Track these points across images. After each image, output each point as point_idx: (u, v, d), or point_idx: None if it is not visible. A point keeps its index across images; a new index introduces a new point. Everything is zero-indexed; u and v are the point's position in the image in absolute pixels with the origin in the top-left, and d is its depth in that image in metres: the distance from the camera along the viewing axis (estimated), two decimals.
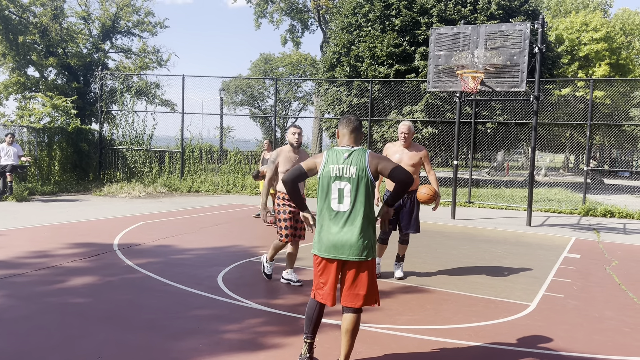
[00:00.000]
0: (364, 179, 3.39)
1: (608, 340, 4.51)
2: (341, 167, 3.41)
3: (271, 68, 48.21)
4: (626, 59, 37.19)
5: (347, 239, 3.38)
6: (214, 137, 40.30)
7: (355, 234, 3.38)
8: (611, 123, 25.23)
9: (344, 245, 3.38)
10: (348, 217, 3.40)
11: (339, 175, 3.41)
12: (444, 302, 5.40)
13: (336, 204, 3.41)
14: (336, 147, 3.56)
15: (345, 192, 3.39)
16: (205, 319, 4.64)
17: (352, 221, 3.39)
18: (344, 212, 3.40)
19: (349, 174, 3.40)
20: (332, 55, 22.45)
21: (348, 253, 3.39)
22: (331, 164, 3.45)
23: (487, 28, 10.35)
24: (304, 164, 3.57)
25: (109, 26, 23.38)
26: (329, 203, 3.43)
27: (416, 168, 6.04)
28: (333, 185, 3.42)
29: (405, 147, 6.07)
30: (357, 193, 3.39)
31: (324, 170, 3.46)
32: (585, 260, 7.79)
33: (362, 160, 3.42)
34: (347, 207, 3.40)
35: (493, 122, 19.84)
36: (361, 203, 3.39)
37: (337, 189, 3.41)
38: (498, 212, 13.79)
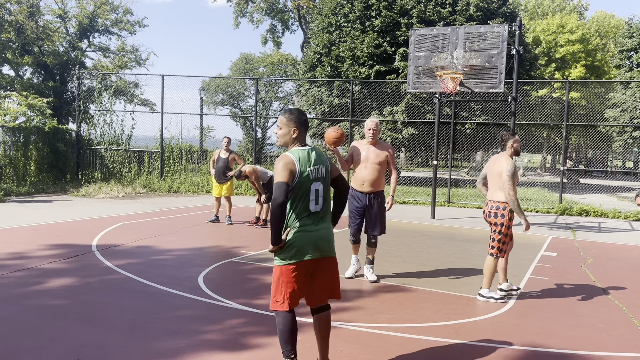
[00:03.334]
0: (328, 178, 3.50)
1: (583, 335, 4.61)
2: (315, 168, 3.39)
3: (252, 68, 48.00)
4: (601, 61, 37.96)
5: (324, 237, 3.44)
6: (194, 137, 39.98)
7: (330, 231, 3.50)
8: (587, 124, 25.72)
9: (323, 243, 3.43)
10: (324, 215, 3.46)
11: (315, 176, 3.38)
12: (424, 301, 5.46)
13: (313, 205, 3.38)
14: (297, 148, 3.41)
15: (320, 193, 3.41)
16: (186, 319, 4.62)
17: (324, 219, 3.46)
18: (318, 211, 3.41)
19: (321, 174, 3.42)
20: (313, 55, 22.48)
21: (327, 250, 3.46)
22: (307, 166, 3.35)
23: (465, 30, 10.48)
24: (284, 178, 3.27)
25: (87, 24, 23.05)
26: (307, 205, 3.36)
27: (382, 167, 5.88)
28: (312, 187, 3.36)
29: (372, 144, 5.92)
30: (327, 191, 3.47)
31: (302, 175, 3.32)
32: (562, 259, 7.94)
33: (325, 159, 3.49)
34: (321, 206, 3.43)
35: (472, 122, 20.09)
36: (328, 202, 3.49)
37: (314, 190, 3.38)
38: (477, 211, 13.96)
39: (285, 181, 3.26)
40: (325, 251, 3.45)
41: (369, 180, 5.87)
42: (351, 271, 6.22)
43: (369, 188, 5.89)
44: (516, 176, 5.35)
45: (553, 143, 38.41)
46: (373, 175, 5.86)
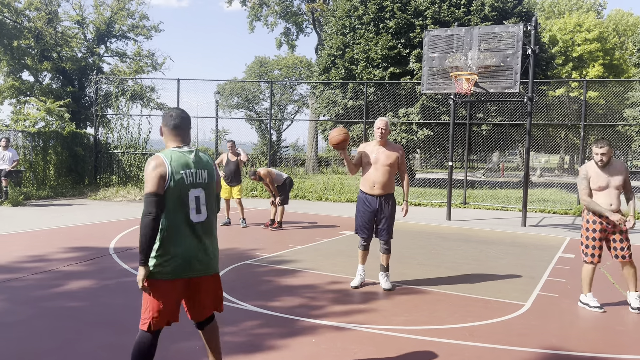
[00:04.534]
0: (213, 184, 3.12)
1: (602, 338, 4.55)
2: (194, 172, 3.02)
3: (266, 71, 48.26)
4: (619, 60, 37.41)
5: (206, 252, 3.05)
6: (209, 140, 40.29)
7: (214, 246, 3.12)
8: (605, 124, 25.36)
9: (204, 259, 3.04)
10: (207, 227, 3.06)
11: (194, 182, 3.00)
12: (439, 303, 5.43)
13: (194, 214, 3.00)
14: (174, 149, 3.06)
15: (201, 201, 3.03)
16: None
17: (210, 231, 3.09)
18: (202, 222, 3.03)
19: (202, 179, 3.05)
20: (327, 57, 22.51)
21: (209, 267, 3.08)
22: (182, 170, 2.97)
23: (480, 30, 10.42)
24: (152, 187, 2.92)
25: (104, 30, 23.36)
26: (187, 215, 2.98)
27: (393, 168, 5.68)
28: (190, 194, 2.98)
29: (381, 145, 5.73)
30: (211, 199, 3.09)
31: (175, 178, 2.94)
32: (580, 260, 7.80)
33: (210, 163, 3.13)
34: (204, 216, 3.04)
35: (488, 123, 19.93)
36: (213, 211, 3.12)
37: (194, 197, 3.00)
38: (493, 213, 13.85)
39: (154, 191, 2.90)
40: (205, 269, 3.06)
41: (379, 182, 5.67)
42: (357, 281, 5.92)
43: (380, 191, 5.69)
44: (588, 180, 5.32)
45: (571, 143, 37.92)
46: (384, 177, 5.67)
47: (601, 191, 5.29)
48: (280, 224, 9.96)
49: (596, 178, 5.30)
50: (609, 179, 5.27)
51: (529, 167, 11.79)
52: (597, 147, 5.24)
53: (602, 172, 5.28)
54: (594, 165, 5.34)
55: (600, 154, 5.20)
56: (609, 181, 5.28)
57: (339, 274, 6.52)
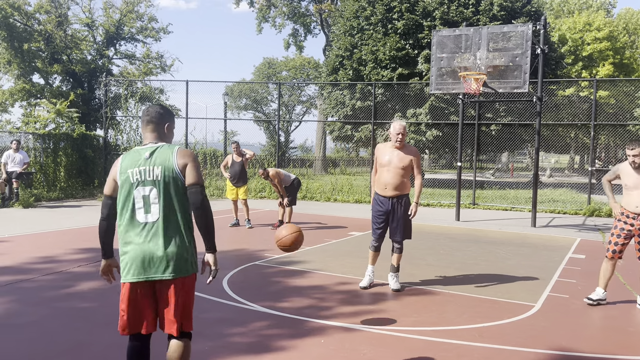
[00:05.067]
0: (173, 182, 2.85)
1: (613, 339, 4.51)
2: (142, 170, 2.85)
3: (274, 72, 48.38)
4: (630, 59, 37.10)
5: (156, 254, 2.83)
6: (218, 141, 40.46)
7: (166, 247, 2.84)
8: (616, 123, 25.15)
9: (154, 262, 2.83)
10: (159, 227, 2.83)
11: (141, 180, 2.84)
12: (448, 304, 5.41)
13: (142, 214, 2.84)
14: (137, 147, 2.98)
15: (151, 199, 2.83)
16: (211, 322, 4.67)
17: (164, 232, 2.84)
18: (152, 222, 2.83)
19: (153, 176, 2.84)
20: (335, 58, 22.52)
21: (162, 270, 2.84)
22: (129, 168, 2.86)
23: (489, 30, 10.38)
24: (106, 189, 2.95)
25: (113, 32, 23.53)
26: (133, 215, 2.85)
27: (406, 171, 5.66)
28: (136, 192, 2.84)
29: (398, 148, 5.72)
30: (167, 198, 2.84)
31: (121, 178, 2.87)
32: (590, 261, 7.77)
33: (169, 159, 2.86)
34: (156, 216, 2.83)
35: (497, 123, 19.85)
36: (172, 210, 2.85)
37: (141, 197, 2.83)
38: (503, 213, 13.78)
39: (105, 193, 2.96)
40: (153, 272, 2.85)
41: (391, 184, 5.69)
42: (366, 282, 5.92)
43: (392, 192, 5.71)
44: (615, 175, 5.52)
45: (581, 143, 37.64)
46: (395, 179, 5.68)
47: (631, 190, 5.34)
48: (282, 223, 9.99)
49: (626, 177, 5.36)
50: (638, 181, 5.29)
51: (538, 167, 11.73)
52: (629, 149, 5.28)
53: (634, 172, 5.32)
54: (627, 165, 5.39)
55: (632, 155, 5.23)
56: (638, 183, 5.29)
57: (348, 275, 6.52)
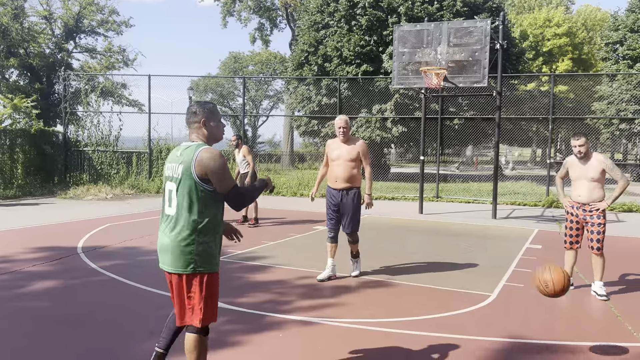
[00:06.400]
0: (187, 180, 2.93)
1: (564, 326, 4.66)
2: (173, 167, 3.01)
3: (241, 67, 47.94)
4: (588, 54, 38.20)
5: (167, 246, 2.98)
6: (184, 137, 39.90)
7: (173, 241, 2.96)
8: (574, 117, 25.85)
9: (165, 253, 3.00)
10: (173, 222, 2.98)
11: (170, 176, 3.02)
12: (407, 295, 5.49)
13: (167, 207, 3.02)
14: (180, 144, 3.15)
15: (172, 194, 2.98)
16: (165, 319, 4.60)
17: (175, 227, 2.96)
18: (172, 216, 2.99)
19: (177, 173, 2.98)
20: (300, 53, 22.46)
21: (168, 263, 2.99)
22: (168, 163, 3.07)
23: (449, 25, 10.52)
24: None
25: (72, 25, 22.86)
26: (163, 206, 3.06)
27: (355, 163, 5.87)
28: (166, 186, 3.04)
29: (343, 142, 5.92)
30: (180, 195, 2.95)
31: (164, 172, 3.10)
32: (547, 251, 8.00)
33: (190, 159, 2.94)
34: (174, 210, 2.98)
35: (460, 117, 20.17)
36: (184, 207, 2.94)
37: (168, 191, 3.02)
38: (465, 205, 14.04)
39: None
40: (164, 263, 3.02)
41: (341, 177, 5.90)
42: (325, 274, 6.03)
43: (342, 184, 5.91)
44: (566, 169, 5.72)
45: (542, 136, 38.62)
46: (345, 172, 5.88)
47: (575, 181, 5.57)
48: (256, 220, 9.94)
49: (572, 169, 5.60)
50: (582, 172, 5.50)
51: (498, 160, 11.98)
52: (574, 139, 5.50)
53: (579, 163, 5.54)
54: (574, 157, 5.61)
55: (578, 145, 5.43)
56: (581, 173, 5.50)
57: (310, 269, 6.54)
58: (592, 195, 5.47)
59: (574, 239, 5.69)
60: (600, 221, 5.46)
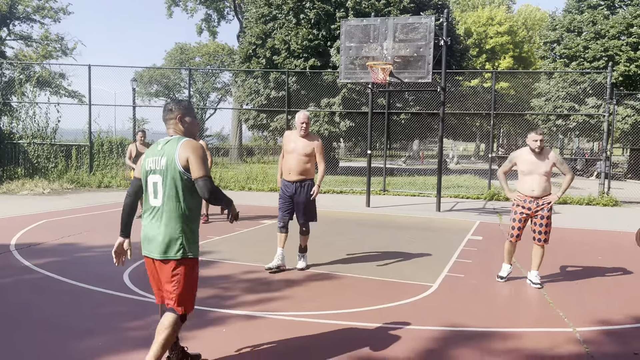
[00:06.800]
0: (172, 171, 3.12)
1: (501, 314, 4.84)
2: (155, 160, 3.19)
3: (187, 58, 46.94)
4: (528, 52, 39.72)
5: (155, 235, 3.17)
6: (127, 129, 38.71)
7: (162, 230, 3.15)
8: (514, 112, 26.81)
9: (152, 241, 3.18)
10: (160, 212, 3.17)
11: (153, 169, 3.20)
12: (351, 287, 5.55)
13: (152, 199, 3.20)
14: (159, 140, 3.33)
15: (158, 186, 3.16)
16: (107, 316, 4.48)
17: (160, 216, 3.16)
18: (158, 207, 3.18)
19: (160, 166, 3.16)
20: (248, 46, 22.21)
21: (157, 251, 3.17)
22: (148, 157, 3.24)
23: (395, 21, 10.65)
24: (135, 172, 3.41)
25: (6, 12, 21.69)
26: (147, 199, 3.24)
27: (309, 158, 6.01)
28: (149, 180, 3.21)
29: (302, 136, 6.03)
30: (167, 186, 3.14)
31: (143, 166, 3.27)
32: (487, 242, 8.28)
33: (173, 151, 3.14)
34: (160, 201, 3.17)
35: (406, 112, 20.53)
36: (170, 197, 3.14)
37: (152, 183, 3.19)
38: (411, 199, 14.32)
39: (135, 175, 3.40)
40: (151, 250, 3.20)
41: (295, 169, 6.01)
42: (274, 263, 6.11)
43: (296, 177, 6.03)
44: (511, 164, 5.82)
45: (485, 131, 39.87)
46: (299, 165, 6.01)
47: (527, 176, 5.66)
48: (207, 216, 9.67)
49: (523, 164, 5.67)
50: (536, 166, 5.64)
51: (442, 154, 12.28)
52: (535, 134, 5.61)
53: (533, 158, 5.65)
54: (527, 152, 5.69)
55: (539, 140, 5.58)
56: (535, 167, 5.64)
57: (256, 263, 6.49)
58: (545, 188, 5.65)
59: (521, 231, 5.79)
60: (549, 214, 5.68)
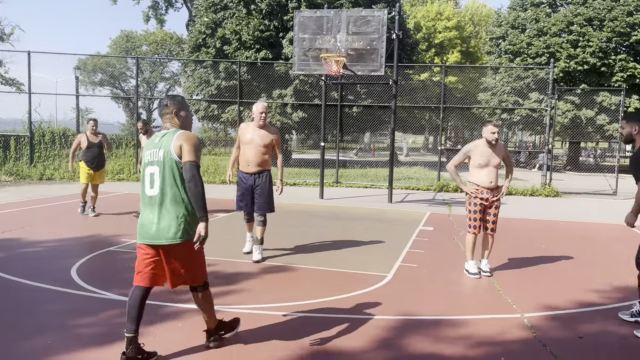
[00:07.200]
0: (169, 162, 3.35)
1: (452, 302, 4.98)
2: (152, 152, 3.42)
3: (134, 46, 45.49)
4: (475, 48, 40.80)
5: (154, 223, 3.36)
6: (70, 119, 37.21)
7: (163, 217, 3.35)
8: (462, 106, 27.51)
9: (148, 228, 3.37)
10: (157, 201, 3.37)
11: (151, 160, 3.42)
12: (307, 279, 5.57)
13: (149, 189, 3.40)
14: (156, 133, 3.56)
15: (155, 177, 3.38)
16: (56, 314, 4.31)
17: (159, 204, 3.36)
18: (154, 196, 3.38)
19: (157, 157, 3.39)
20: (198, 35, 21.75)
21: (153, 237, 3.36)
22: (147, 150, 3.48)
23: (348, 13, 10.69)
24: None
25: None
26: (144, 188, 3.43)
27: (267, 149, 6.06)
28: (146, 171, 3.43)
29: (259, 127, 6.05)
30: (165, 176, 3.36)
31: (143, 159, 3.50)
32: (437, 232, 8.49)
33: (169, 142, 3.37)
34: (156, 191, 3.37)
35: (358, 105, 20.71)
36: (169, 185, 3.35)
37: (149, 174, 3.41)
38: (363, 190, 14.49)
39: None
40: (152, 238, 3.36)
41: (253, 161, 6.03)
42: (248, 247, 6.43)
43: (254, 168, 6.05)
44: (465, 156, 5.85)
45: (434, 124, 40.73)
46: (258, 156, 6.03)
47: (483, 168, 5.79)
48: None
49: (479, 156, 5.79)
50: (491, 158, 5.80)
51: (394, 146, 12.46)
52: (493, 127, 5.76)
53: (489, 150, 5.79)
54: (482, 144, 5.82)
55: (497, 132, 5.75)
56: (490, 160, 5.79)
57: (210, 256, 6.38)
58: (497, 179, 5.87)
59: (479, 222, 5.90)
60: (500, 204, 5.91)
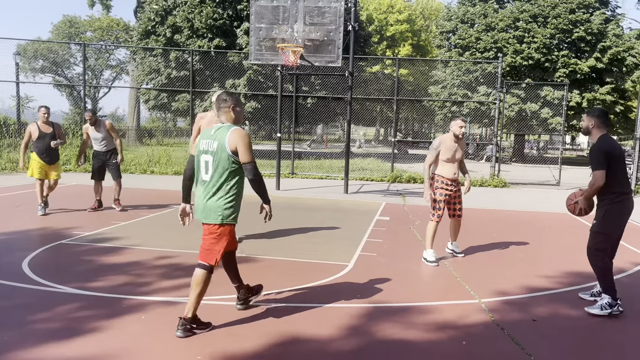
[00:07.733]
0: (222, 153, 3.76)
1: (412, 289, 5.10)
2: (208, 142, 3.83)
3: (77, 32, 43.71)
4: (425, 41, 41.55)
5: (204, 204, 3.83)
6: (9, 108, 35.40)
7: (210, 201, 3.81)
8: (414, 99, 28.02)
9: (201, 209, 3.84)
10: (209, 186, 3.82)
11: (205, 149, 3.83)
12: (270, 269, 5.56)
13: (204, 174, 3.85)
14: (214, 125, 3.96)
15: (209, 164, 3.81)
16: (8, 310, 4.13)
17: (210, 189, 3.81)
18: (207, 181, 3.83)
19: (212, 147, 3.80)
20: (147, 22, 21.14)
21: (204, 217, 3.83)
22: (202, 139, 3.88)
23: (305, 3, 10.65)
24: (191, 150, 4.20)
25: None
26: (199, 174, 3.88)
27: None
28: (201, 158, 3.85)
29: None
30: (217, 165, 3.78)
31: (198, 146, 3.90)
32: (394, 222, 8.64)
33: (223, 137, 3.79)
34: (209, 177, 3.82)
35: (313, 96, 20.73)
36: (219, 174, 3.79)
37: (204, 162, 3.84)
38: (319, 181, 14.55)
39: (191, 153, 4.13)
40: (204, 218, 3.84)
41: None
42: None
43: None
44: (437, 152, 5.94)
45: (385, 117, 41.31)
46: None
47: (449, 163, 5.97)
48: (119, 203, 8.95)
49: (447, 150, 5.95)
50: (456, 152, 5.99)
51: (350, 138, 12.57)
52: (461, 121, 5.92)
53: (454, 145, 5.96)
54: (449, 139, 5.96)
55: (464, 127, 5.93)
56: (455, 154, 5.99)
57: (168, 248, 6.29)
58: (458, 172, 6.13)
59: (443, 212, 6.13)
60: (461, 192, 6.24)
